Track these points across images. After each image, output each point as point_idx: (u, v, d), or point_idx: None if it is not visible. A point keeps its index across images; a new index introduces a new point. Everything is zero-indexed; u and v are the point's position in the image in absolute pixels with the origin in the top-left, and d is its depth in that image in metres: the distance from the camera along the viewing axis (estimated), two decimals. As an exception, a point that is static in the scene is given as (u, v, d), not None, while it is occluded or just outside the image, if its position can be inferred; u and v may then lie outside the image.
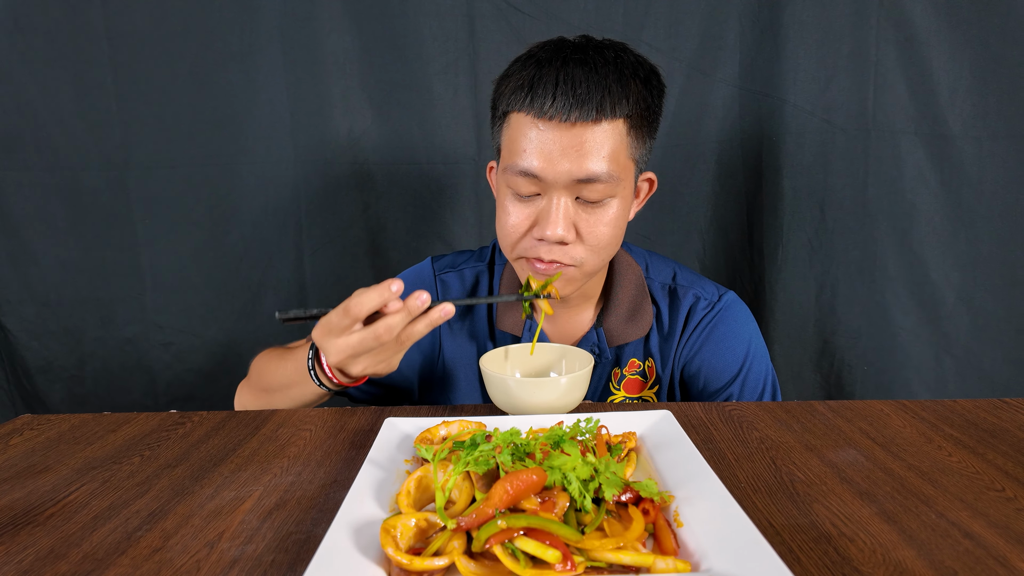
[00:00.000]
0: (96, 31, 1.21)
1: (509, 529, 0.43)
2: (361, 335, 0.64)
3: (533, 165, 0.74)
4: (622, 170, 0.76)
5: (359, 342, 0.64)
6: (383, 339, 0.63)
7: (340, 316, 0.63)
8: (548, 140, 0.73)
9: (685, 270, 0.95)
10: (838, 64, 1.19)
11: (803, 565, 0.44)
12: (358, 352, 0.65)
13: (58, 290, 1.32)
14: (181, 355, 1.36)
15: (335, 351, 0.65)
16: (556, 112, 0.72)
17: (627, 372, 0.91)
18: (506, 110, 0.78)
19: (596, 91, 0.72)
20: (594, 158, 0.73)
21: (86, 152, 1.26)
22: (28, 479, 0.60)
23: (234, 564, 0.46)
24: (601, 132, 0.73)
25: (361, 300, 0.62)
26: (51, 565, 0.46)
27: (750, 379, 0.89)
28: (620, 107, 0.73)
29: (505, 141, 0.79)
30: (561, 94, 0.72)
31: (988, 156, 1.16)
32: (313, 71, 1.24)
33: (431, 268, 0.97)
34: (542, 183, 0.75)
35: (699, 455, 0.54)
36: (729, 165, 1.28)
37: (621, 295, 0.90)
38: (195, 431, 0.71)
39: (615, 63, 0.75)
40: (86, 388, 1.37)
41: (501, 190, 0.81)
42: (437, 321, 0.65)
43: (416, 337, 0.66)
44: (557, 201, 0.75)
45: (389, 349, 0.66)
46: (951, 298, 1.22)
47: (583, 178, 0.74)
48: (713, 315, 0.90)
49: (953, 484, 0.55)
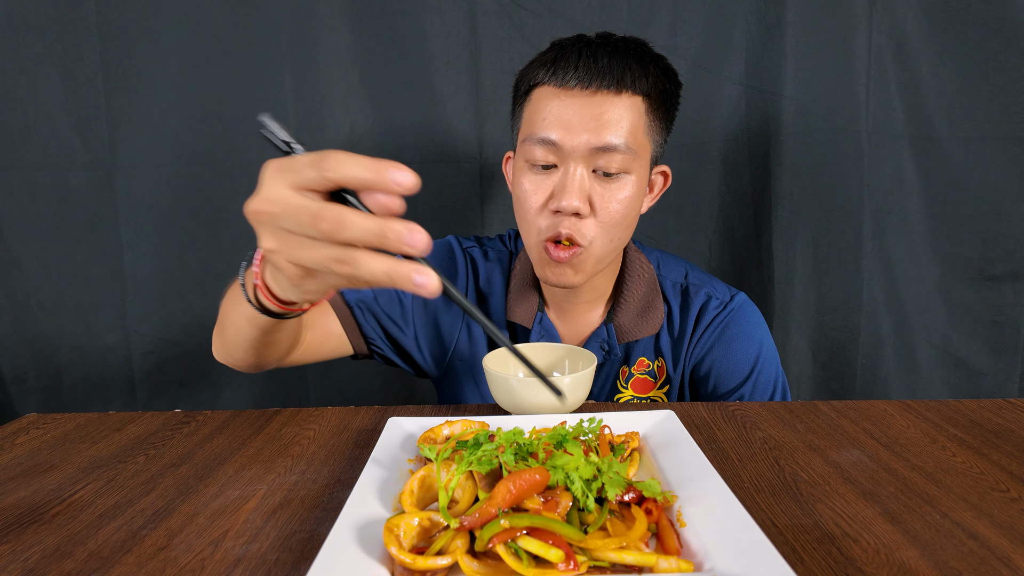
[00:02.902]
0: (88, 27, 1.19)
1: (512, 529, 0.43)
2: (305, 203, 0.42)
3: (552, 133, 0.76)
4: (639, 146, 0.78)
5: (296, 208, 0.43)
6: (322, 228, 0.42)
7: (309, 163, 0.43)
8: (568, 108, 0.76)
9: (697, 270, 0.95)
10: (837, 65, 1.20)
11: (806, 565, 0.44)
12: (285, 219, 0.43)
13: (39, 295, 1.27)
14: (161, 365, 1.30)
15: (266, 196, 0.44)
16: (578, 81, 0.75)
17: (636, 371, 0.91)
18: (529, 88, 0.80)
19: (617, 65, 0.76)
20: (613, 128, 0.75)
21: (73, 151, 1.22)
22: (34, 478, 0.60)
23: (238, 563, 0.46)
24: (621, 104, 0.76)
25: (345, 160, 0.42)
26: (56, 563, 0.46)
27: (761, 381, 0.89)
28: (640, 83, 0.76)
29: (526, 116, 0.81)
30: (583, 65, 0.75)
31: (975, 157, 1.20)
32: (312, 69, 1.22)
33: (456, 242, 0.97)
34: (560, 152, 0.76)
35: (702, 455, 0.54)
36: (735, 164, 1.27)
37: (633, 291, 0.90)
38: (200, 430, 0.71)
39: (636, 50, 0.78)
40: (62, 399, 1.31)
41: (519, 167, 0.82)
42: (401, 280, 0.42)
43: (361, 275, 0.43)
44: (573, 171, 0.76)
45: (318, 251, 0.43)
46: (931, 291, 1.26)
47: (601, 147, 0.75)
48: (725, 315, 0.90)
49: (957, 484, 0.55)
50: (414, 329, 0.92)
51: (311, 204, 0.42)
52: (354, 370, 1.31)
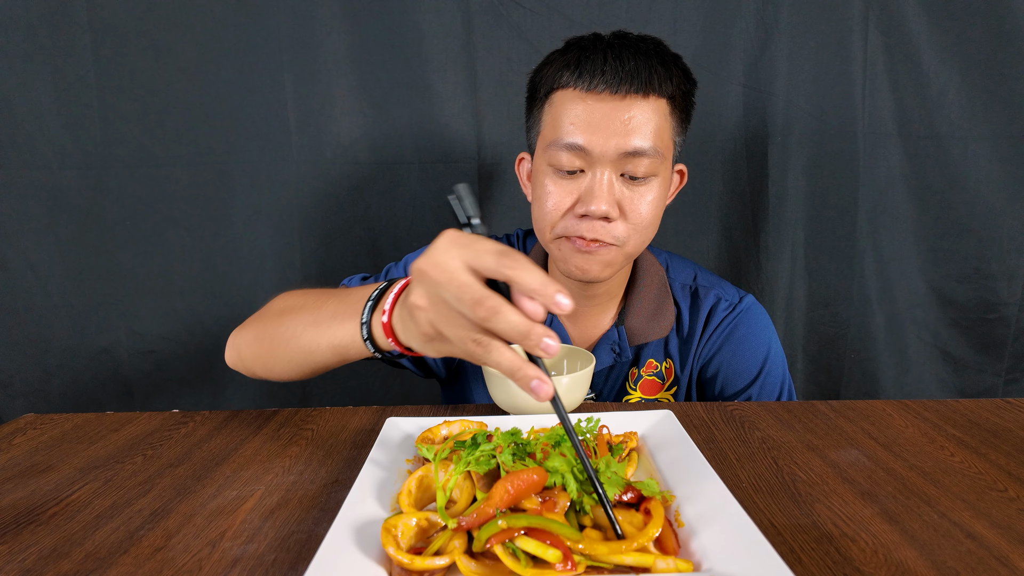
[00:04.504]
0: (79, 24, 1.18)
1: (510, 529, 0.43)
2: (470, 281, 0.45)
3: (580, 139, 0.75)
4: (666, 148, 0.77)
5: (461, 284, 0.45)
6: (475, 312, 0.45)
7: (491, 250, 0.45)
8: (597, 113, 0.74)
9: (705, 271, 0.95)
10: (833, 65, 1.20)
11: (804, 565, 0.44)
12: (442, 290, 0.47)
13: (27, 296, 1.26)
14: (162, 363, 1.30)
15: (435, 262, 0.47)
16: (606, 85, 0.74)
17: (644, 373, 0.91)
18: (550, 89, 0.79)
19: (644, 67, 0.74)
20: (642, 132, 0.74)
21: (64, 150, 1.22)
22: (31, 478, 0.60)
23: (236, 563, 0.46)
24: (649, 107, 0.75)
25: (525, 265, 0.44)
26: (54, 564, 0.46)
27: (768, 384, 0.88)
28: (666, 86, 0.75)
29: (548, 120, 0.79)
30: (611, 68, 0.74)
31: (971, 157, 1.21)
32: (310, 69, 1.22)
33: None
34: (588, 157, 0.76)
35: (700, 455, 0.54)
36: (733, 163, 1.27)
37: (644, 293, 0.90)
38: (197, 430, 0.71)
39: (656, 50, 0.77)
40: (50, 403, 1.30)
41: (540, 171, 0.81)
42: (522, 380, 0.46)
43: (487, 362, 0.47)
44: (601, 176, 0.76)
45: (458, 327, 0.47)
46: (923, 288, 1.27)
47: (630, 151, 0.74)
48: (733, 317, 0.90)
49: (955, 484, 0.55)
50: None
51: (477, 288, 0.45)
52: (353, 370, 1.31)
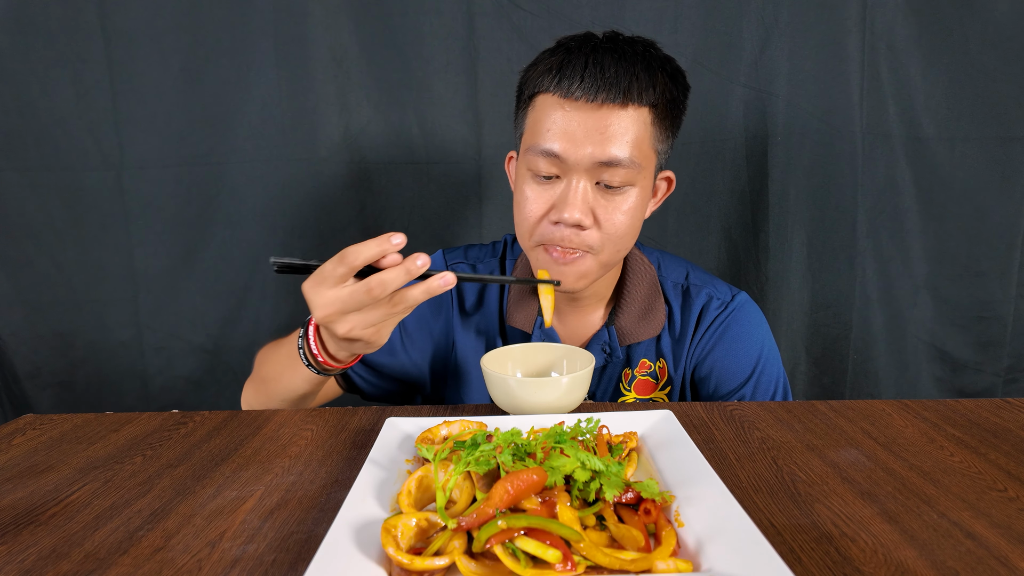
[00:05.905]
0: (92, 29, 1.20)
1: (509, 529, 0.43)
2: (352, 288, 0.59)
3: (556, 145, 0.74)
4: (644, 159, 0.76)
5: (349, 295, 0.59)
6: (375, 294, 0.58)
7: (334, 264, 0.59)
8: (573, 121, 0.74)
9: (698, 270, 0.94)
10: (831, 67, 1.20)
11: (804, 565, 0.44)
12: (347, 307, 0.60)
13: (52, 293, 1.30)
14: (172, 360, 1.34)
15: (322, 303, 0.60)
16: (583, 93, 0.73)
17: (638, 373, 0.90)
18: (532, 93, 0.78)
19: (624, 76, 0.73)
20: (618, 142, 0.74)
21: (85, 152, 1.25)
22: (30, 479, 0.60)
23: (235, 563, 0.46)
24: (627, 117, 0.74)
25: (357, 248, 0.58)
26: (53, 564, 0.46)
27: (762, 382, 0.88)
28: (647, 95, 0.74)
29: (529, 123, 0.79)
30: (589, 76, 0.73)
31: (959, 157, 1.22)
32: (309, 69, 1.22)
33: (443, 259, 0.96)
34: (563, 164, 0.75)
35: (700, 455, 0.54)
36: (733, 164, 1.27)
37: (634, 293, 0.89)
38: (197, 431, 0.71)
39: (643, 55, 0.76)
40: (76, 394, 1.34)
41: (521, 174, 0.81)
42: (436, 290, 0.60)
43: (411, 304, 0.61)
44: (576, 184, 0.75)
45: (380, 309, 0.60)
46: (920, 288, 1.28)
47: (605, 161, 0.74)
48: (726, 315, 0.89)
49: (955, 484, 0.55)
50: (407, 353, 0.92)
51: (357, 286, 0.59)
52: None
